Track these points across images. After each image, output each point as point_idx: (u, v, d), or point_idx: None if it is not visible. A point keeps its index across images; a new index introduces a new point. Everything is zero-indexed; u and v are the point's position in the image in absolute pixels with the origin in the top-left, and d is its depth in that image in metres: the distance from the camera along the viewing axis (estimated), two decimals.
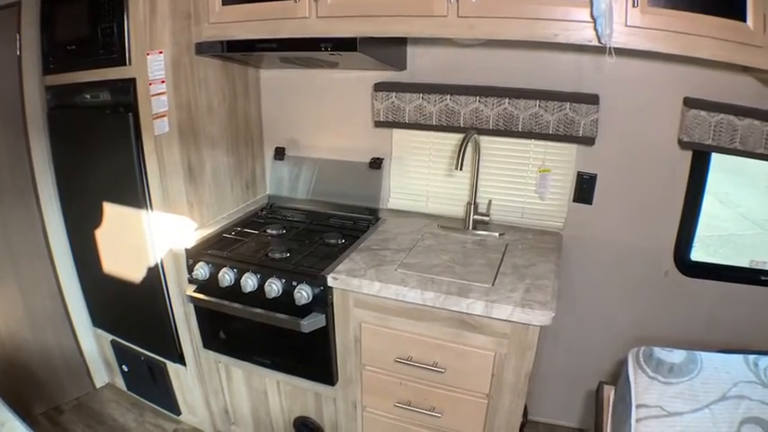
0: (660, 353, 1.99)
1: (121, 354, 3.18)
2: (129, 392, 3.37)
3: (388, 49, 2.46)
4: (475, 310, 1.89)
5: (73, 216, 3.00)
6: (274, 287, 2.24)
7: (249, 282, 2.29)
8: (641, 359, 2.01)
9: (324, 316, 2.24)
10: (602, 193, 2.52)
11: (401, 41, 2.59)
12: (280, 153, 3.03)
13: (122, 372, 3.27)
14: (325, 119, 2.90)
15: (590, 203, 2.56)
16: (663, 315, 2.59)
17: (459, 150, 2.27)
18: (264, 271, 2.29)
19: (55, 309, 3.24)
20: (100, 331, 3.23)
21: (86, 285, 3.16)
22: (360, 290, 2.10)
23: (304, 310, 2.19)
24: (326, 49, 2.17)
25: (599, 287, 2.65)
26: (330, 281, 2.14)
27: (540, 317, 1.80)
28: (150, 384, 3.12)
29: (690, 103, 2.21)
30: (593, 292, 2.65)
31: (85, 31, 2.49)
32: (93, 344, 3.38)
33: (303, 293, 2.19)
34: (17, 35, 2.81)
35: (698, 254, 2.57)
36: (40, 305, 3.18)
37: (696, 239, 2.53)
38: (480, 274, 2.08)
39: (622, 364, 2.16)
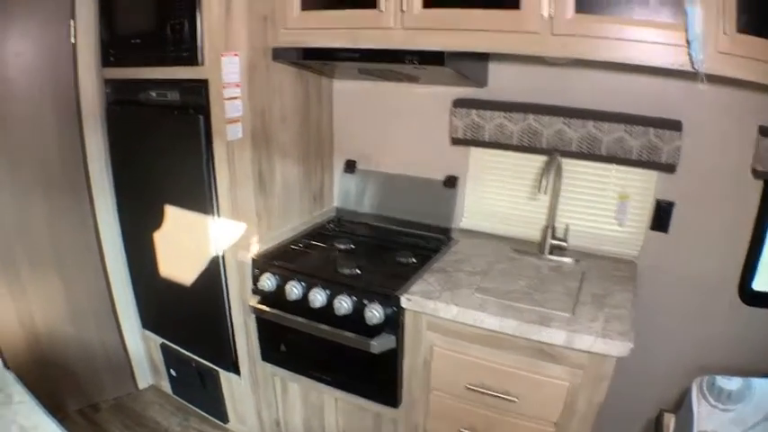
0: (721, 381, 2.00)
1: (171, 358, 3.18)
2: (175, 396, 3.38)
3: (471, 65, 2.40)
4: (555, 339, 1.85)
5: (129, 214, 3.00)
6: (344, 304, 2.21)
7: (318, 297, 2.27)
8: (704, 388, 2.03)
9: (394, 337, 2.21)
10: (678, 221, 2.46)
11: (483, 56, 2.48)
12: (350, 166, 3.01)
13: (169, 375, 3.28)
14: (398, 133, 2.87)
15: (666, 232, 2.49)
16: (725, 343, 2.52)
17: (544, 173, 2.22)
18: (334, 287, 2.27)
19: (101, 307, 3.25)
20: (149, 333, 3.24)
21: (139, 286, 3.17)
22: (435, 313, 2.05)
23: (374, 330, 2.16)
24: (412, 63, 2.12)
25: (663, 315, 2.58)
26: (404, 302, 2.10)
27: (619, 348, 1.77)
28: (199, 390, 3.12)
29: (765, 131, 2.17)
30: (657, 319, 2.59)
31: (153, 26, 2.46)
32: (140, 345, 3.39)
33: (375, 313, 2.17)
34: (71, 21, 2.79)
35: (760, 283, 2.50)
36: (86, 301, 3.19)
37: (759, 268, 2.46)
38: (559, 303, 2.03)
39: (684, 393, 2.16)
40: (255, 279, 2.41)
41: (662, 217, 2.47)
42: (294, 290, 2.32)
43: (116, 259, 3.18)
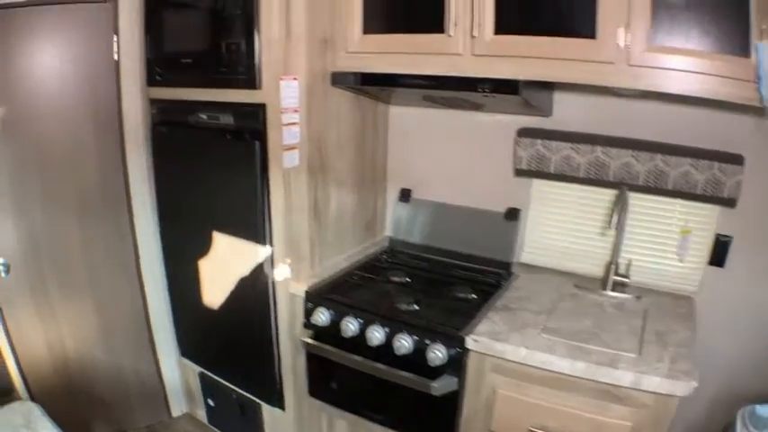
0: (760, 409, 1.99)
1: (209, 387, 3.09)
2: (211, 426, 3.27)
3: (538, 93, 2.31)
4: (623, 381, 1.78)
5: (172, 238, 2.92)
6: (404, 343, 2.11)
7: (376, 335, 2.17)
8: (746, 418, 2.01)
9: (456, 379, 2.10)
10: (734, 255, 2.34)
11: (549, 85, 2.39)
12: (405, 195, 2.92)
13: (206, 405, 3.19)
14: (456, 162, 2.77)
15: (722, 266, 2.39)
16: None
17: (614, 208, 2.20)
18: (393, 324, 2.17)
19: (137, 333, 3.17)
20: (187, 361, 3.15)
21: (178, 313, 3.08)
22: (502, 355, 1.95)
23: (435, 371, 2.05)
24: (484, 91, 2.03)
25: (715, 347, 2.48)
26: (470, 343, 1.99)
27: (684, 387, 1.71)
28: (237, 422, 3.02)
29: None
30: (710, 353, 2.47)
31: (206, 45, 2.39)
32: (177, 373, 3.30)
33: (438, 354, 2.06)
34: (114, 37, 2.72)
35: None
36: (121, 327, 3.11)
37: None
38: (625, 342, 1.95)
39: (730, 426, 2.11)
40: (308, 313, 2.32)
41: (720, 252, 2.39)
42: (350, 326, 2.23)
43: (155, 284, 3.10)
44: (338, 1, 2.29)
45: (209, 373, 3.02)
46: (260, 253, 2.39)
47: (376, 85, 2.31)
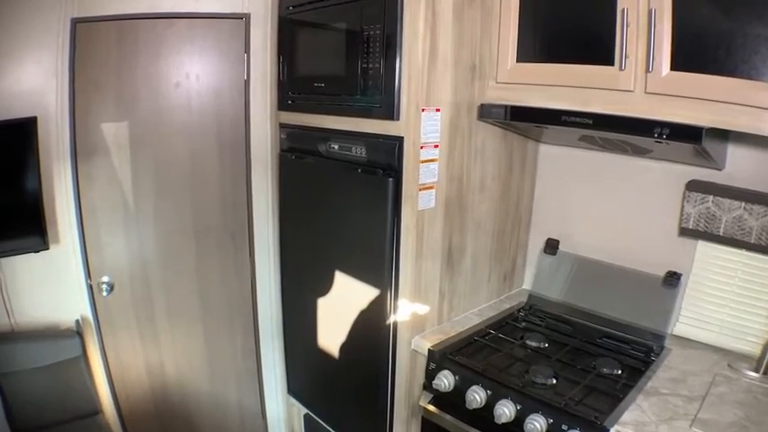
0: None
1: (313, 431, 2.88)
2: None
3: (715, 143, 1.96)
4: None
5: (292, 273, 2.77)
6: (537, 426, 1.79)
7: (505, 411, 1.85)
8: None
9: None
10: None
11: (725, 134, 2.06)
12: (551, 246, 2.55)
13: None
14: (612, 213, 2.41)
15: None
16: None
17: None
18: (526, 401, 1.84)
19: (246, 365, 3.06)
20: (293, 401, 2.97)
21: (290, 350, 2.93)
22: None
23: None
24: (660, 137, 1.70)
25: None
26: None
27: None
28: None
29: None
30: None
31: (340, 69, 2.22)
32: (282, 410, 3.14)
33: None
34: (245, 55, 2.62)
35: None
36: (228, 357, 3.01)
37: None
38: None
39: None
40: (430, 375, 2.05)
41: None
42: (476, 397, 1.93)
43: (270, 317, 2.98)
44: (490, 23, 2.09)
45: (315, 417, 2.82)
46: (383, 299, 2.16)
47: (529, 122, 2.06)
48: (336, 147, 2.29)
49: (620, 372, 2.03)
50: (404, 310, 2.17)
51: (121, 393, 2.83)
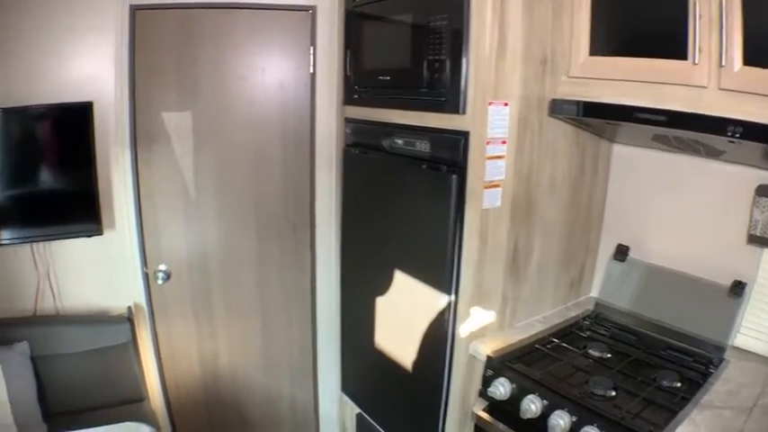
0: None
1: (364, 430, 2.83)
2: None
3: None
4: None
5: (351, 269, 2.72)
6: None
7: (559, 422, 1.74)
8: None
9: None
10: None
11: None
12: (621, 252, 2.41)
13: None
14: (682, 218, 2.26)
15: None
16: None
17: None
18: (583, 413, 1.74)
19: (302, 359, 3.03)
20: (346, 399, 2.92)
21: (346, 348, 2.88)
22: None
23: None
24: (733, 135, 1.58)
25: None
26: None
27: None
28: None
29: None
30: None
31: (406, 62, 2.14)
32: (334, 408, 3.10)
33: None
34: (311, 48, 2.59)
35: None
36: (284, 351, 2.99)
37: None
38: None
39: None
40: (486, 381, 1.97)
41: None
42: (531, 406, 1.83)
43: (328, 312, 2.94)
44: (561, 15, 1.97)
45: (368, 417, 2.76)
46: (443, 302, 2.09)
47: (602, 118, 1.93)
48: (401, 142, 2.22)
49: (679, 384, 1.92)
50: (464, 314, 2.08)
51: (171, 381, 2.84)
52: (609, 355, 2.10)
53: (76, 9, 2.38)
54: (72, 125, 2.43)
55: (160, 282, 2.68)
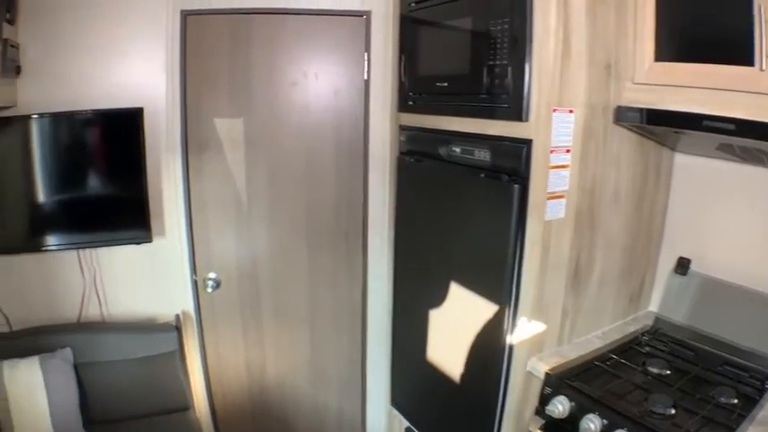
0: None
1: None
2: None
3: None
4: None
5: (404, 281, 2.66)
6: None
7: None
8: None
9: None
10: None
11: None
12: (682, 266, 2.29)
13: None
14: (744, 232, 2.15)
15: None
16: None
17: None
18: None
19: (351, 371, 3.00)
20: (395, 412, 2.85)
21: (397, 360, 2.81)
22: None
23: None
24: None
25: None
26: None
27: None
28: None
29: None
30: None
31: (465, 67, 2.08)
32: (382, 421, 3.05)
33: None
34: (365, 54, 2.55)
35: None
36: (333, 362, 2.96)
37: None
38: None
39: None
40: (544, 399, 1.91)
41: None
42: (590, 425, 1.75)
43: (379, 324, 2.89)
44: (625, 20, 1.89)
45: (416, 431, 2.70)
46: (501, 316, 2.02)
47: (668, 126, 1.86)
48: (458, 150, 2.16)
49: (736, 401, 1.85)
50: (522, 329, 2.00)
51: (217, 390, 2.83)
52: (668, 372, 2.02)
53: (127, 14, 2.40)
54: (122, 131, 2.45)
55: (209, 290, 2.67)
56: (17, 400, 2.18)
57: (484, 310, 2.10)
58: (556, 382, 1.92)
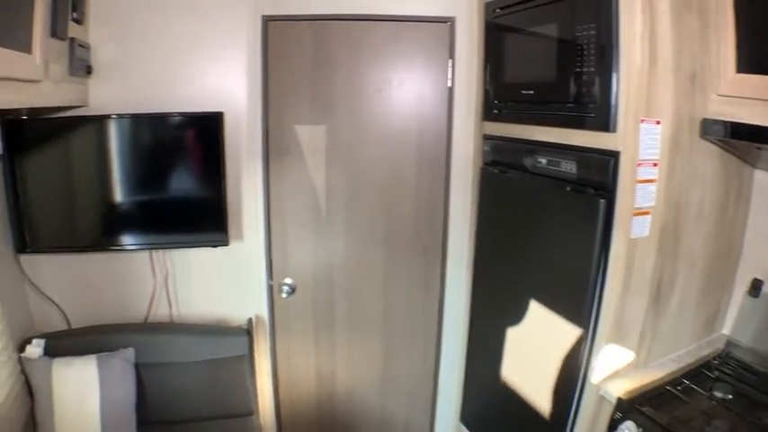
0: None
1: None
2: None
3: None
4: None
5: (481, 296, 2.61)
6: None
7: None
8: None
9: None
10: None
11: None
12: (756, 287, 2.15)
13: None
14: None
15: None
16: None
17: None
18: None
19: (421, 385, 2.95)
20: (464, 428, 2.80)
21: (470, 376, 2.75)
22: None
23: None
24: None
25: None
26: None
27: None
28: None
29: None
30: None
31: (551, 75, 2.01)
32: None
33: None
34: (449, 61, 2.51)
35: None
36: (404, 375, 2.92)
37: None
38: None
39: None
40: (613, 424, 1.83)
41: None
42: None
43: (455, 340, 2.83)
44: (708, 29, 1.78)
45: None
46: (578, 337, 1.94)
47: (752, 141, 1.74)
48: (544, 161, 2.08)
49: None
50: (600, 351, 1.92)
51: (284, 397, 2.84)
52: (730, 396, 1.93)
53: (208, 19, 2.44)
54: (202, 134, 2.48)
55: (284, 295, 2.68)
56: (62, 399, 2.20)
57: (562, 330, 2.02)
58: (626, 408, 1.83)
